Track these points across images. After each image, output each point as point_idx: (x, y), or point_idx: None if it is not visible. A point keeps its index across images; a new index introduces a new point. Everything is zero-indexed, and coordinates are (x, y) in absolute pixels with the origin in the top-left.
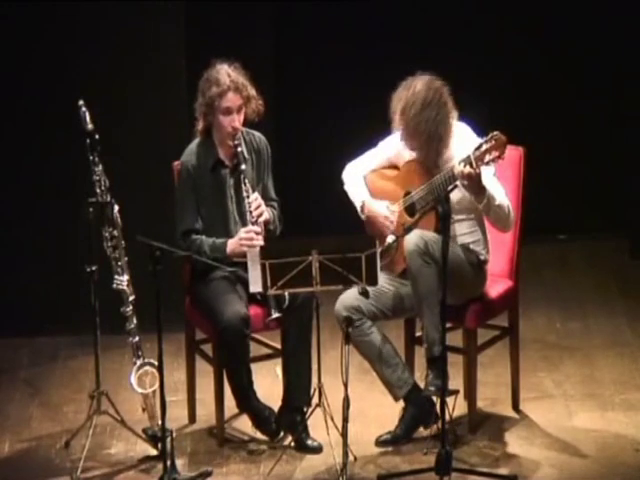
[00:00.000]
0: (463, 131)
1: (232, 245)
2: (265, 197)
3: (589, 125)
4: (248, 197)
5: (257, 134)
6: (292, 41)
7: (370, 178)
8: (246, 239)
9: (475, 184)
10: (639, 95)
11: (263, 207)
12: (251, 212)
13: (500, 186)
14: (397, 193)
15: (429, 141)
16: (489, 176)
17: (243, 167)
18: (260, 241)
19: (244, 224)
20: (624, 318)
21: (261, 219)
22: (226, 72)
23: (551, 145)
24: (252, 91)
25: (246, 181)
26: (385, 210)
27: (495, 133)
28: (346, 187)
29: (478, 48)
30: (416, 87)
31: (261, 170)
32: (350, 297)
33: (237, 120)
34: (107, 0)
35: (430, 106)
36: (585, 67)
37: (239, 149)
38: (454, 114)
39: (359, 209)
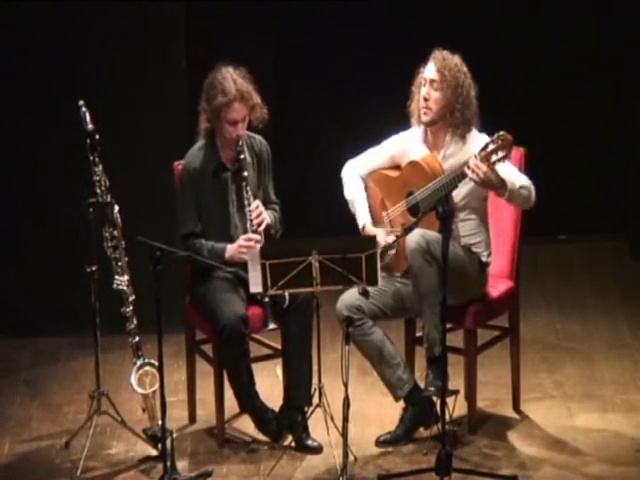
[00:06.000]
0: (478, 138)
1: (231, 251)
2: (266, 200)
3: (589, 126)
4: (249, 205)
5: (258, 137)
6: (292, 41)
7: (372, 178)
8: (246, 247)
9: (491, 180)
10: None
11: (264, 215)
12: (251, 220)
13: (513, 167)
14: (399, 193)
15: (467, 97)
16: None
17: (245, 174)
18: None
19: (244, 228)
20: (624, 319)
21: (261, 228)
22: (232, 78)
23: (552, 146)
24: (257, 99)
25: (248, 189)
26: (382, 241)
27: (501, 133)
28: (346, 194)
29: (478, 48)
30: (447, 54)
31: (262, 173)
32: (351, 296)
33: (241, 129)
34: (107, 0)
35: (465, 71)
36: (586, 67)
37: (242, 156)
38: None
39: (360, 229)
